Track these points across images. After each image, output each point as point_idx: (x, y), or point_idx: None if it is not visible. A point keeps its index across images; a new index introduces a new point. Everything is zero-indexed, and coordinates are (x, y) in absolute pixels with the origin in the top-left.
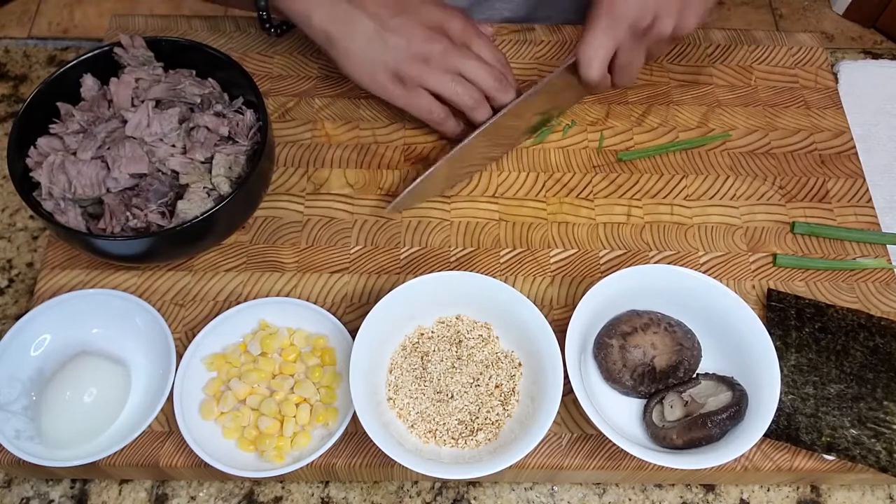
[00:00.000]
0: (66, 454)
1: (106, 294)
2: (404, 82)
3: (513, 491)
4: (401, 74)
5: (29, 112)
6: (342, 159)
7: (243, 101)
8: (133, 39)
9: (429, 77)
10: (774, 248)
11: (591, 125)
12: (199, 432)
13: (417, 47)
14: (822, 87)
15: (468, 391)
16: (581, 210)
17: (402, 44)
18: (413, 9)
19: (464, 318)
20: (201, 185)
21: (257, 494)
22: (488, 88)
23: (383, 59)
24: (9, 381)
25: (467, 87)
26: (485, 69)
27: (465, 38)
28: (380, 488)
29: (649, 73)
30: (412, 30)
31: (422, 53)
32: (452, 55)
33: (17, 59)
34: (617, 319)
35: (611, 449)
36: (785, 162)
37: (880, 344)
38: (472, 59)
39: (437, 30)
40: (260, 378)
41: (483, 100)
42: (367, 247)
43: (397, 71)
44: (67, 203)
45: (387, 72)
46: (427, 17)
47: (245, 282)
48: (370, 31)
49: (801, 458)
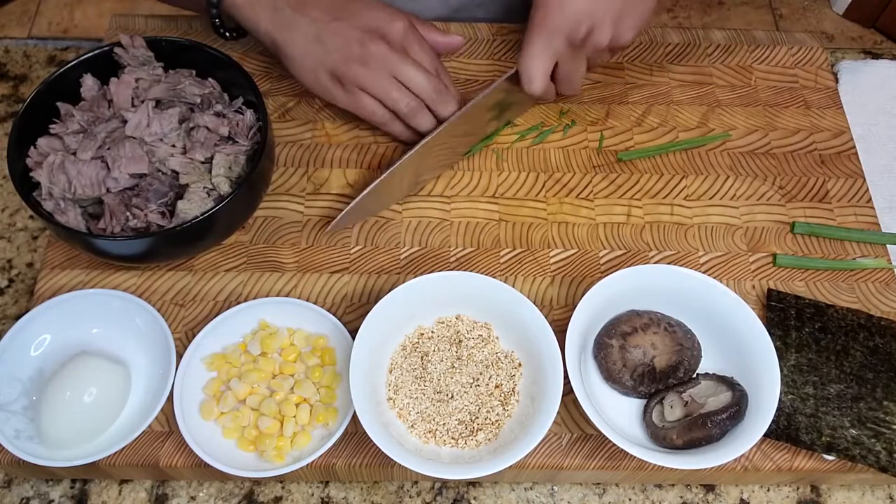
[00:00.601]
0: (66, 454)
1: (106, 294)
2: (344, 84)
3: (513, 491)
4: (339, 76)
5: (29, 112)
6: (342, 159)
7: (243, 101)
8: (133, 39)
9: (366, 79)
10: (774, 248)
11: (591, 125)
12: (199, 432)
13: (355, 49)
14: (822, 87)
15: (468, 391)
16: (581, 210)
17: (338, 45)
18: (354, 12)
19: (464, 318)
20: (201, 185)
21: (257, 494)
22: (425, 96)
23: (323, 61)
24: (9, 381)
25: (404, 92)
26: (423, 76)
27: (404, 43)
28: (380, 488)
29: (649, 73)
30: (350, 32)
31: (359, 56)
32: (389, 59)
33: (17, 59)
34: (617, 319)
35: (611, 449)
36: (785, 162)
37: (880, 344)
38: (408, 65)
39: (376, 33)
40: (260, 378)
41: (421, 107)
42: (367, 247)
43: (336, 72)
44: (67, 203)
45: (327, 73)
46: (367, 20)
47: (245, 282)
48: (311, 35)
49: (801, 458)
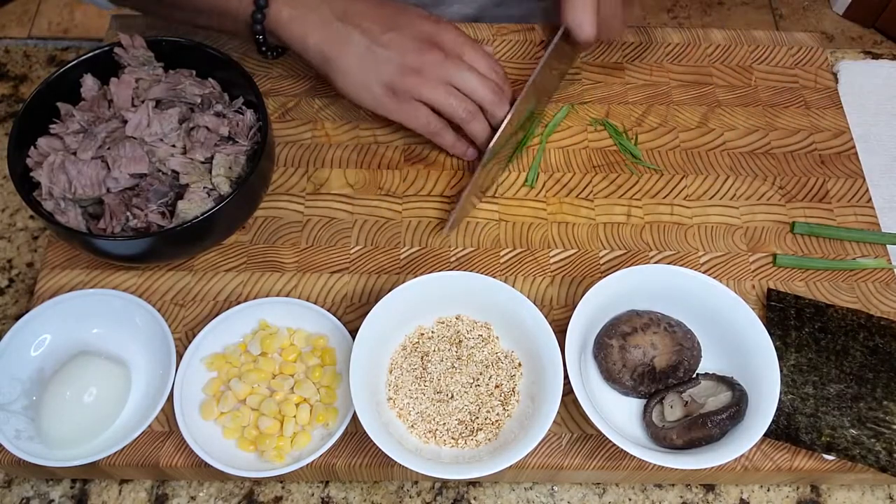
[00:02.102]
0: (66, 454)
1: (106, 294)
2: (398, 95)
3: (513, 491)
4: (394, 87)
5: (29, 112)
6: (342, 159)
7: (243, 101)
8: (133, 39)
9: (422, 88)
10: (774, 248)
11: (591, 125)
12: (199, 432)
13: (410, 59)
14: (822, 87)
15: (468, 391)
16: (581, 210)
17: (393, 57)
18: (405, 23)
19: (464, 318)
20: (201, 185)
21: (257, 494)
22: (483, 100)
23: (376, 74)
24: (9, 381)
25: (461, 98)
26: (479, 80)
27: (458, 50)
28: (380, 488)
29: (649, 73)
30: (404, 42)
31: (414, 65)
32: (445, 66)
33: (17, 59)
34: (617, 319)
35: (611, 449)
36: (785, 162)
37: (880, 344)
38: (465, 70)
39: (430, 41)
40: (260, 378)
41: (478, 112)
42: (367, 247)
43: (391, 84)
44: (67, 203)
45: (381, 85)
46: (419, 29)
47: (245, 282)
48: (362, 48)
49: (801, 458)
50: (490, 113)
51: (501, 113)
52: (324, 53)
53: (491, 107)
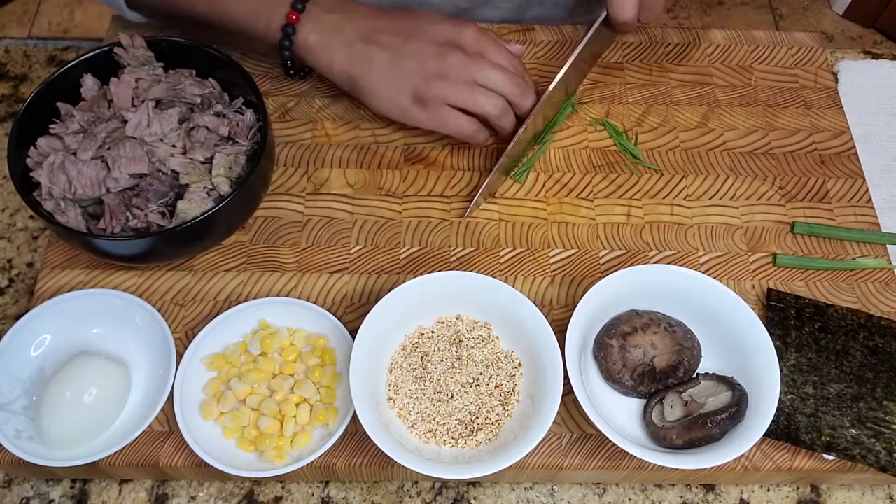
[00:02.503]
0: (66, 454)
1: (106, 294)
2: (427, 103)
3: (513, 491)
4: (421, 96)
5: (29, 112)
6: (342, 159)
7: (243, 101)
8: (133, 39)
9: (448, 92)
10: (774, 248)
11: (591, 125)
12: (199, 432)
13: (432, 65)
14: (822, 87)
15: (468, 391)
16: (581, 210)
17: (416, 66)
18: (423, 30)
19: (464, 318)
20: (201, 185)
21: (257, 494)
22: (509, 94)
23: (402, 86)
24: (9, 381)
25: (489, 95)
26: (503, 75)
27: (479, 48)
28: (380, 488)
29: (649, 73)
30: (424, 50)
31: (437, 70)
32: (469, 66)
33: (17, 59)
34: (617, 319)
35: (611, 449)
36: (785, 162)
37: (880, 344)
38: (488, 68)
39: (450, 44)
40: (260, 378)
41: (507, 106)
42: (367, 247)
43: (417, 93)
44: (67, 203)
45: (408, 97)
46: (437, 34)
47: (245, 282)
48: (385, 63)
49: (801, 458)
50: (517, 105)
51: (528, 104)
52: (350, 75)
53: (518, 99)
